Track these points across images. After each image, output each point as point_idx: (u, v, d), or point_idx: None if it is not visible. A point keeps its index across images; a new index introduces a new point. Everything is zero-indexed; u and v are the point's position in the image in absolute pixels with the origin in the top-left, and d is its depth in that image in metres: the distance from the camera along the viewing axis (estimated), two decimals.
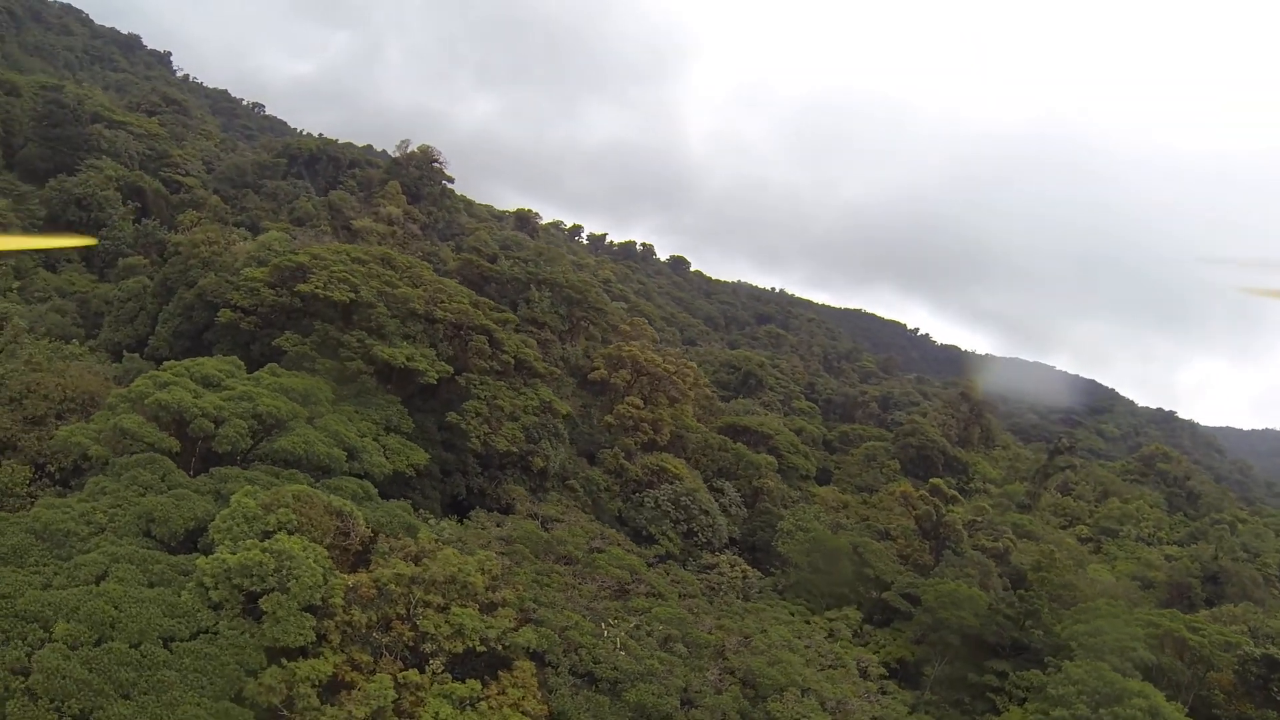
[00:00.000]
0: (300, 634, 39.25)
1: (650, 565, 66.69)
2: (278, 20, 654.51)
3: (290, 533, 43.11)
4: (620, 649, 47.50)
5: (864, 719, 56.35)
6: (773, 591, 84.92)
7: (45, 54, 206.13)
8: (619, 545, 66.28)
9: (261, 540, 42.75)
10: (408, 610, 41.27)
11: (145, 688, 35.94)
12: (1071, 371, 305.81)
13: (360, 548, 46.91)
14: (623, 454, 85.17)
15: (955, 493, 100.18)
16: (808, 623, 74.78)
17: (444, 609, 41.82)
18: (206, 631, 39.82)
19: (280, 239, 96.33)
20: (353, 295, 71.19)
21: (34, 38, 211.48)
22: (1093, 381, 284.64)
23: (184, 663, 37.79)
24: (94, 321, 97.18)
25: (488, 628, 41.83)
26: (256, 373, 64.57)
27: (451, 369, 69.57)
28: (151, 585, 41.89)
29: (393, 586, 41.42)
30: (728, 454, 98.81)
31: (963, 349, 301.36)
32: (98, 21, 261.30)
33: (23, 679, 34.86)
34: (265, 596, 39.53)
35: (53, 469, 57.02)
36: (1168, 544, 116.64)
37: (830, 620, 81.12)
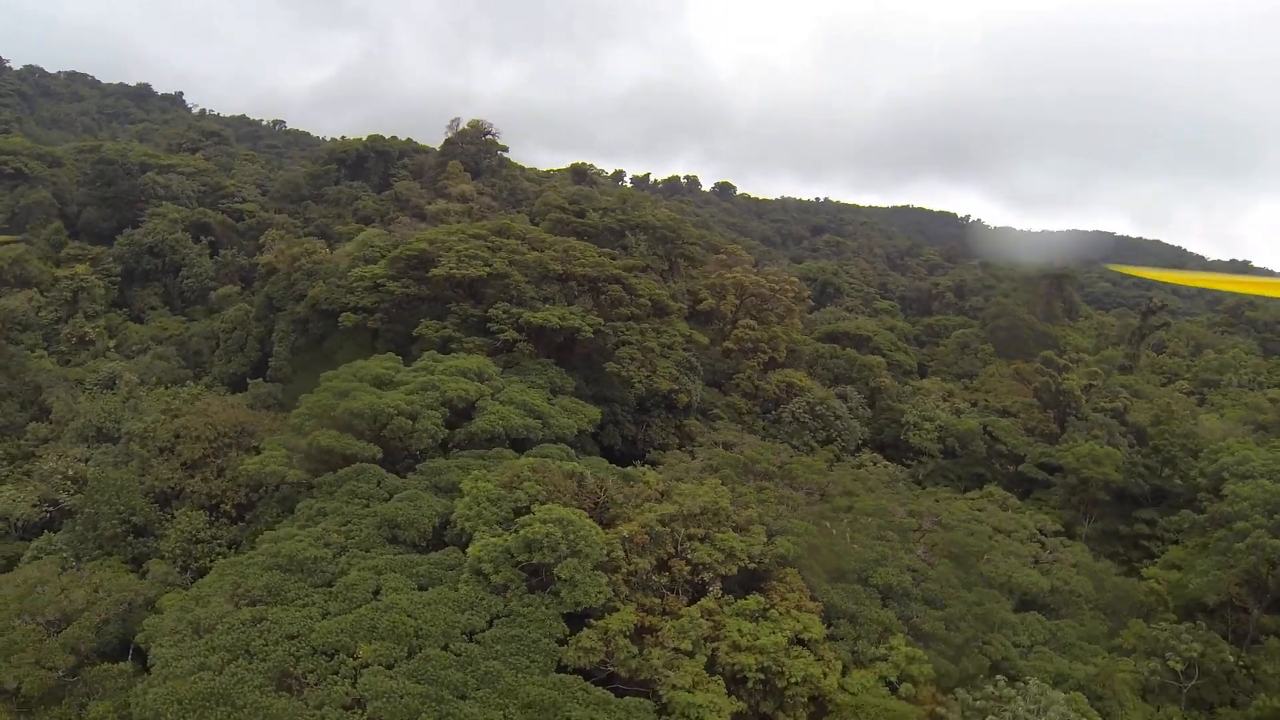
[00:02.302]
0: (599, 592, 41.27)
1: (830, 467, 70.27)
2: (282, 35, 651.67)
3: (542, 502, 45.43)
4: (853, 542, 51.13)
5: (1062, 569, 59.97)
6: (913, 482, 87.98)
7: (63, 124, 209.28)
8: (795, 457, 69.69)
9: (518, 515, 44.96)
10: (675, 547, 44.41)
11: (476, 683, 37.06)
12: (1134, 235, 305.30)
13: (595, 504, 49.49)
14: (755, 375, 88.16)
15: (1067, 362, 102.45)
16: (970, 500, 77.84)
17: (705, 539, 44.99)
18: (501, 616, 41.18)
19: (379, 234, 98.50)
20: (487, 269, 73.78)
21: (48, 111, 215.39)
22: (1158, 241, 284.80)
23: (497, 649, 39.07)
24: (196, 360, 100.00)
25: (750, 546, 45.18)
26: (417, 363, 66.27)
27: (602, 321, 72.33)
28: (423, 588, 43.05)
29: (659, 528, 44.32)
30: (840, 360, 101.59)
31: (1017, 229, 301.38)
32: (104, 80, 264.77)
33: (360, 710, 35.17)
34: (560, 564, 41.29)
35: (226, 506, 59.17)
36: (1269, 387, 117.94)
37: (972, 500, 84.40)
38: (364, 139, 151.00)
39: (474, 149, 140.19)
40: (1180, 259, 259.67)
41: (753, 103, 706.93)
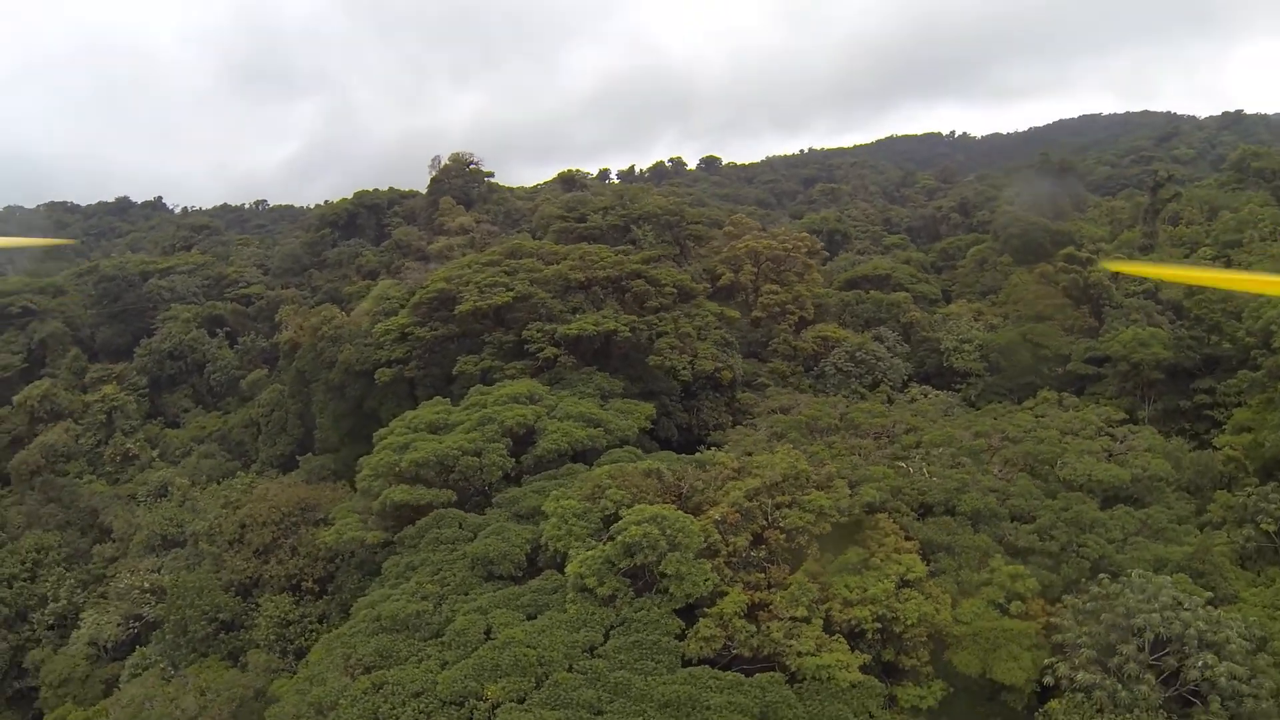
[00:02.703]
0: (706, 580, 41.82)
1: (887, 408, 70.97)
2: (242, 121, 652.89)
3: (628, 506, 45.87)
4: (932, 476, 51.86)
5: (1137, 456, 60.23)
6: (966, 405, 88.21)
7: (53, 254, 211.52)
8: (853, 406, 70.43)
9: (607, 524, 45.58)
10: (767, 518, 45.17)
11: (609, 697, 37.05)
12: (1120, 111, 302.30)
13: (677, 496, 49.99)
14: (791, 335, 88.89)
15: (1089, 254, 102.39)
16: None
17: (792, 504, 45.72)
18: (615, 626, 41.52)
19: (393, 284, 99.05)
20: (511, 294, 74.53)
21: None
22: (1146, 112, 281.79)
23: (621, 659, 39.34)
24: (239, 450, 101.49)
25: (837, 501, 45.94)
26: (466, 400, 66.39)
27: (635, 318, 73.10)
28: (532, 617, 43.13)
29: (748, 504, 45.00)
30: (866, 304, 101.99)
31: (1004, 133, 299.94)
32: (84, 203, 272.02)
33: None
34: (664, 560, 41.73)
35: (308, 583, 59.85)
36: None
37: (1031, 409, 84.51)
38: (350, 197, 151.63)
39: (461, 181, 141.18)
40: (1174, 124, 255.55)
41: (718, 72, 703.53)
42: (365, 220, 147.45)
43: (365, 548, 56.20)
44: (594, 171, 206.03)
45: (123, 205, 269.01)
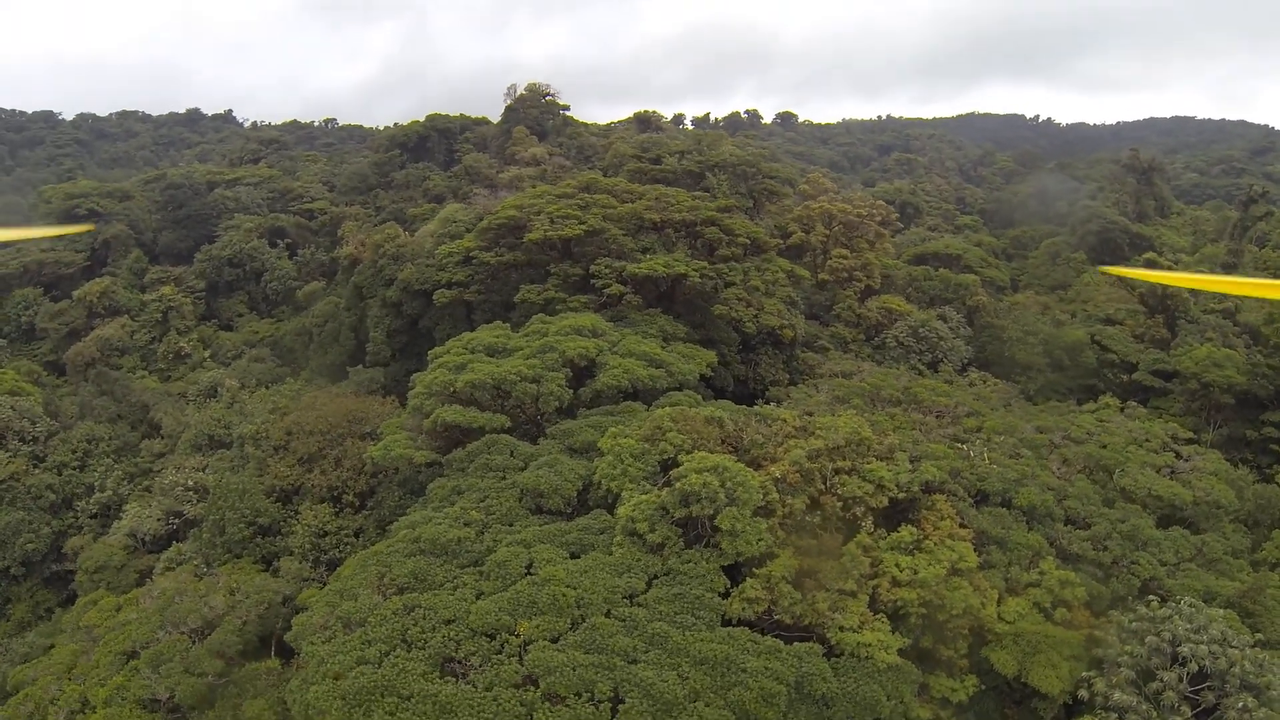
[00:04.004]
0: (760, 540, 40.46)
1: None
2: (319, 40, 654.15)
3: (688, 452, 44.47)
4: (992, 464, 50.68)
5: (1200, 478, 58.49)
6: (1022, 398, 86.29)
7: (122, 161, 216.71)
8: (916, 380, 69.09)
9: (664, 469, 44.33)
10: (825, 483, 44.17)
11: (645, 646, 36.31)
12: (1216, 117, 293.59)
13: (734, 448, 48.66)
14: (856, 303, 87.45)
15: (1169, 264, 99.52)
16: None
17: (852, 471, 44.73)
18: (659, 575, 40.36)
19: (460, 209, 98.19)
20: (583, 227, 73.48)
21: (106, 152, 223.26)
22: (1243, 121, 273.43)
23: (661, 610, 38.23)
24: (290, 358, 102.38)
25: (897, 475, 44.89)
26: (528, 326, 65.25)
27: (707, 263, 71.96)
28: (575, 556, 41.88)
29: (809, 464, 43.79)
30: (934, 281, 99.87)
31: (1091, 124, 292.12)
32: (155, 113, 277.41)
33: (534, 688, 34.50)
34: (720, 514, 40.47)
35: (349, 496, 59.78)
36: None
37: (1095, 412, 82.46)
38: (422, 120, 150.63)
39: (536, 112, 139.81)
40: (1270, 138, 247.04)
41: (803, 29, 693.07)
42: (435, 144, 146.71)
43: (410, 466, 55.52)
44: (668, 115, 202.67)
45: (193, 117, 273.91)
